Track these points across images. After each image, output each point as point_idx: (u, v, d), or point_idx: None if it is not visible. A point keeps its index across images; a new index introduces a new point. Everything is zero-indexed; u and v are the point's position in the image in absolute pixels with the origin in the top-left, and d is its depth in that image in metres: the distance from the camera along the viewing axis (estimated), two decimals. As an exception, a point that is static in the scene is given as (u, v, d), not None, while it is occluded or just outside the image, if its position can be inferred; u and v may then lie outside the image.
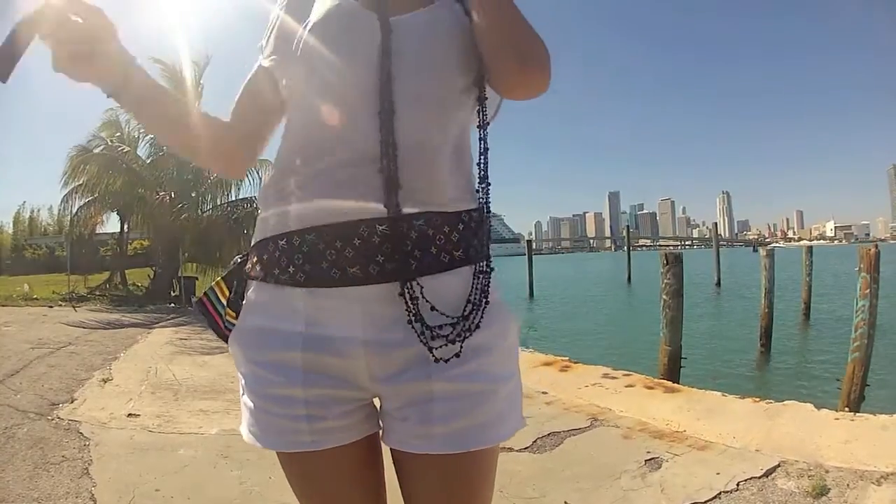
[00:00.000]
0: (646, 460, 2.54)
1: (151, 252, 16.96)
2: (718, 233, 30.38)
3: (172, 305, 11.93)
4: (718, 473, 2.37)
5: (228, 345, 0.76)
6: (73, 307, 10.91)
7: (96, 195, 13.44)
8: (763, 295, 9.25)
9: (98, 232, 16.44)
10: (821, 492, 2.16)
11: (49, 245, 29.20)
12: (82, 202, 13.69)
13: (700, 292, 18.64)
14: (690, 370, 5.71)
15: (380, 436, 0.76)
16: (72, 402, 3.68)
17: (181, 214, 12.52)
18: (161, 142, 0.88)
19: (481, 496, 0.75)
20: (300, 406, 0.69)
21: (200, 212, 13.38)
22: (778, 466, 2.40)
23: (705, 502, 2.16)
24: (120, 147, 13.07)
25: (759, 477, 2.33)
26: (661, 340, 5.37)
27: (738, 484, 2.28)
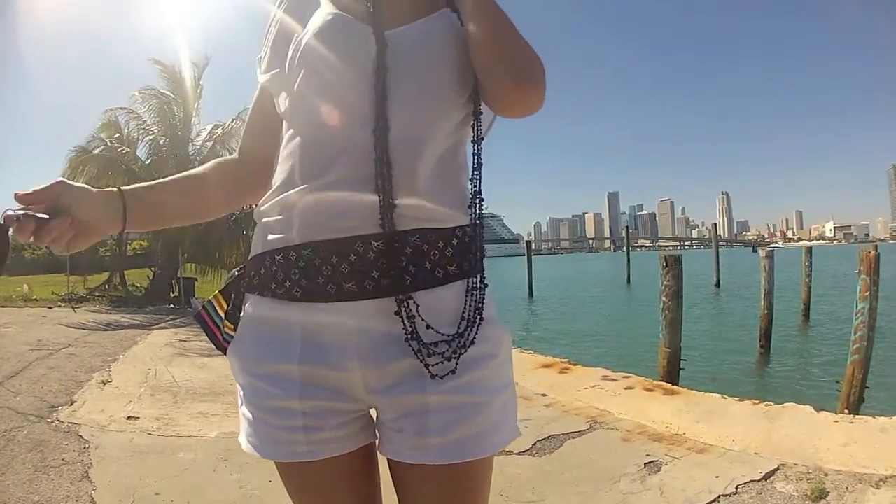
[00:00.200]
0: (645, 463, 2.54)
1: (150, 252, 16.95)
2: (718, 233, 30.38)
3: (172, 306, 11.93)
4: (717, 477, 2.38)
5: (227, 356, 0.77)
6: (73, 308, 10.89)
7: (95, 196, 13.45)
8: (763, 296, 9.25)
9: (97, 232, 16.42)
10: (820, 495, 2.17)
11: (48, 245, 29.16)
12: (82, 203, 13.70)
13: (699, 293, 18.65)
14: (690, 372, 5.72)
15: (376, 446, 0.77)
16: (71, 405, 3.68)
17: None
18: (192, 222, 0.90)
19: None
20: (298, 417, 0.70)
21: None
22: (777, 470, 2.41)
23: (704, 506, 2.17)
24: (119, 148, 13.06)
25: (758, 480, 2.33)
26: (661, 342, 5.37)
27: (738, 487, 2.28)
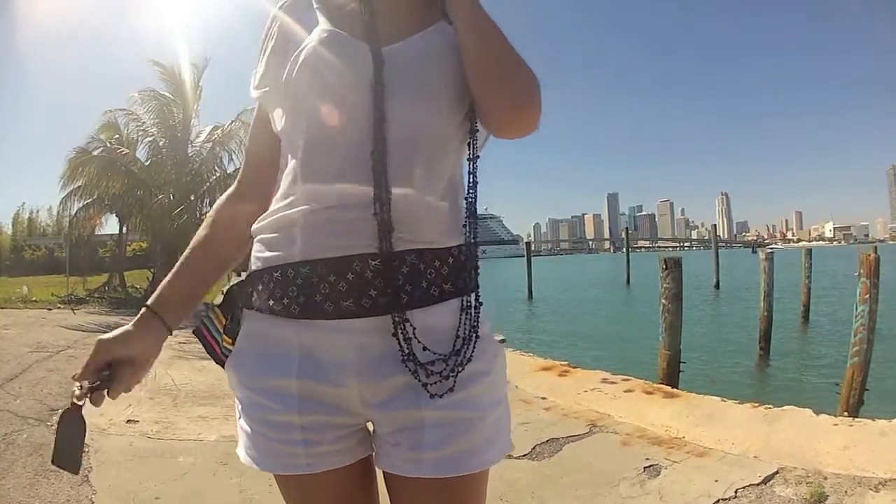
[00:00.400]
0: (644, 467, 2.55)
1: (150, 254, 16.96)
2: (717, 234, 30.37)
3: (171, 308, 11.91)
4: (717, 480, 2.38)
5: (225, 370, 0.77)
6: (72, 310, 10.91)
7: (95, 197, 13.45)
8: (762, 298, 9.26)
9: (97, 233, 16.44)
10: (819, 499, 2.17)
11: (48, 246, 29.19)
12: (81, 204, 13.71)
13: (699, 294, 18.66)
14: (689, 374, 5.72)
15: (373, 458, 0.78)
16: (71, 408, 3.67)
17: (180, 217, 12.51)
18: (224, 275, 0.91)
19: None
20: (296, 432, 0.70)
21: (200, 214, 13.38)
22: (776, 473, 2.41)
23: (704, 510, 2.17)
24: (119, 149, 13.08)
25: (758, 484, 2.33)
26: (661, 345, 5.37)
27: (737, 491, 2.28)
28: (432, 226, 0.70)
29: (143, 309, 0.77)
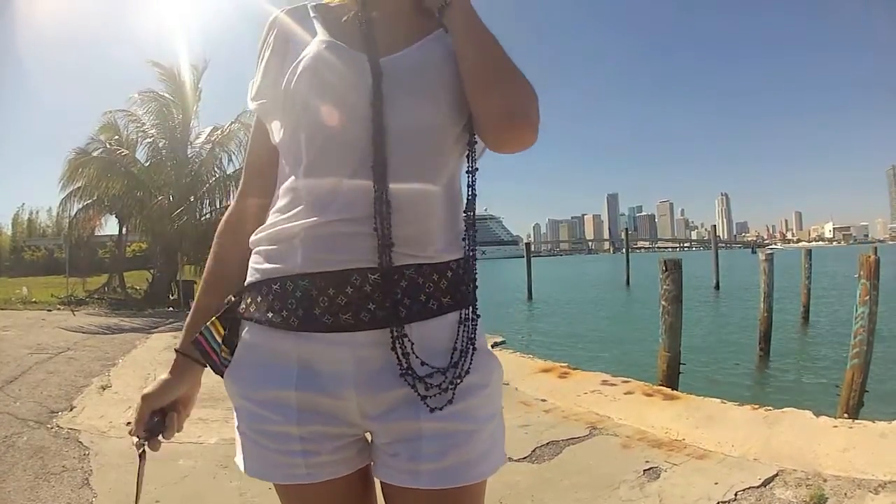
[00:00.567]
0: (644, 470, 2.55)
1: (150, 255, 16.97)
2: (717, 234, 30.34)
3: (171, 309, 11.93)
4: (717, 483, 2.38)
5: (224, 381, 0.77)
6: (72, 311, 10.91)
7: (95, 198, 13.44)
8: (762, 299, 9.25)
9: (96, 234, 16.43)
10: (818, 501, 2.17)
11: (48, 247, 29.18)
12: (81, 205, 13.71)
13: (699, 295, 18.64)
14: (689, 375, 5.71)
15: (371, 467, 0.78)
16: (71, 410, 3.68)
17: (180, 218, 12.51)
18: None
19: None
20: (296, 442, 0.71)
21: (199, 215, 13.38)
22: (776, 476, 2.41)
23: (704, 513, 2.17)
24: (118, 150, 13.08)
25: (757, 486, 2.33)
26: (660, 346, 5.37)
27: (737, 494, 2.28)
28: (431, 240, 0.70)
29: (176, 355, 0.80)
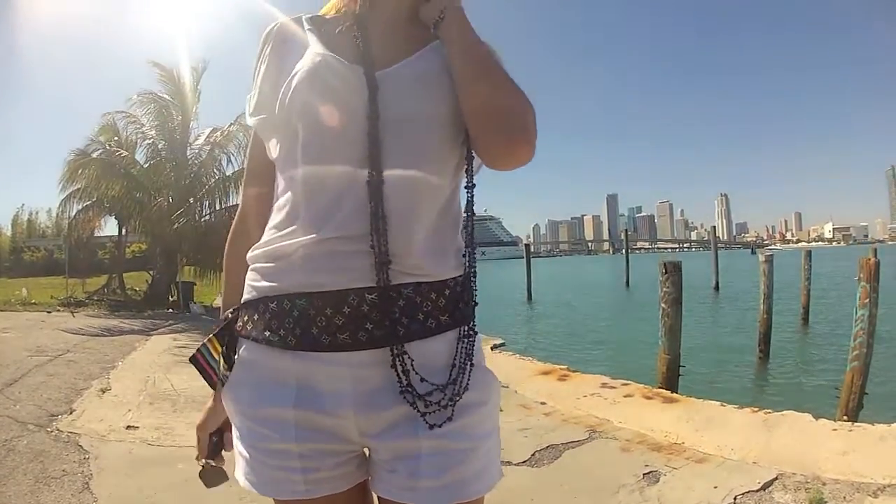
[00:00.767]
0: (644, 474, 2.55)
1: (149, 256, 16.95)
2: (717, 235, 30.36)
3: (171, 311, 11.93)
4: (716, 487, 2.38)
5: (222, 399, 0.77)
6: (72, 312, 10.88)
7: (94, 199, 13.43)
8: (762, 300, 9.25)
9: (96, 235, 16.42)
10: (818, 505, 2.18)
11: (47, 247, 29.14)
12: (80, 206, 13.69)
13: (698, 296, 18.63)
14: (689, 377, 5.71)
15: (370, 482, 0.78)
16: (71, 414, 3.68)
17: (180, 219, 12.50)
18: None
19: None
20: (295, 459, 0.71)
21: (199, 216, 13.37)
22: (776, 479, 2.42)
23: (703, 517, 2.18)
24: (118, 151, 13.06)
25: (757, 490, 2.34)
26: (660, 349, 5.37)
27: (736, 498, 2.29)
28: (430, 258, 0.70)
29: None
